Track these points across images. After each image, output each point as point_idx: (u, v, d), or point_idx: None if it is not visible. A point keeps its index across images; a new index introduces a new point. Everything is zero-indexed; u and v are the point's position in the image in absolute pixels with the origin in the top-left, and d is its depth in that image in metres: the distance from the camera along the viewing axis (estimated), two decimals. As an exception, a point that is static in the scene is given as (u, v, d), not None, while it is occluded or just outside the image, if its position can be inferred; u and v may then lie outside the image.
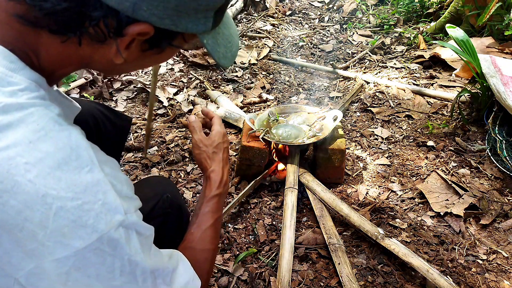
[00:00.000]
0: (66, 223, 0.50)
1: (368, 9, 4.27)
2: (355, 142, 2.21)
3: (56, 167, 0.50)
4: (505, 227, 1.66)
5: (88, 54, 0.58)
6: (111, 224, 0.52)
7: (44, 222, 0.49)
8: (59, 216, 0.50)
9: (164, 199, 0.93)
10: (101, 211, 0.52)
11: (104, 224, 0.52)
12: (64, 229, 0.50)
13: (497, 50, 2.80)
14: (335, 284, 1.40)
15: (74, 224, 0.50)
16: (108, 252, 0.53)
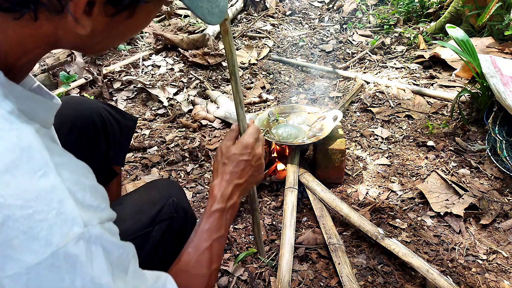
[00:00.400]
0: (16, 234, 0.43)
1: (368, 9, 4.28)
2: (355, 142, 2.21)
3: (4, 171, 0.44)
4: (505, 227, 1.66)
5: (50, 31, 0.52)
6: (67, 237, 0.45)
7: None
8: (7, 227, 0.43)
9: (170, 203, 0.90)
10: (56, 222, 0.45)
11: (59, 237, 0.45)
12: (13, 241, 0.44)
13: (497, 50, 2.80)
14: (335, 284, 1.40)
15: (25, 236, 0.44)
16: (66, 270, 0.46)
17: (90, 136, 1.07)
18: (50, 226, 0.45)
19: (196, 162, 2.00)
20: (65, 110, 0.89)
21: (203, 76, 2.83)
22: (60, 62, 2.67)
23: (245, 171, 0.90)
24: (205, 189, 1.82)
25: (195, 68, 2.94)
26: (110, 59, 2.98)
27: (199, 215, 1.67)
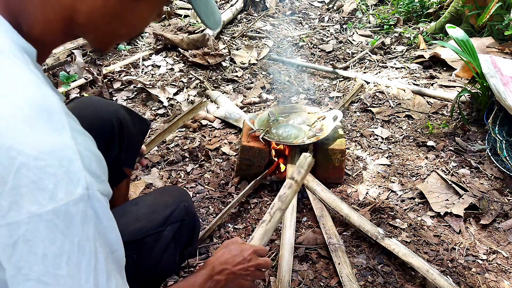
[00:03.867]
0: (26, 182, 0.47)
1: (368, 9, 4.28)
2: (355, 142, 2.21)
3: (25, 122, 0.48)
4: (505, 227, 1.66)
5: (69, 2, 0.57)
6: (70, 195, 0.49)
7: (5, 176, 0.47)
8: (21, 173, 0.47)
9: (181, 207, 0.99)
10: (63, 179, 0.48)
11: (63, 193, 0.48)
12: (23, 189, 0.47)
13: (497, 50, 2.80)
14: (335, 284, 1.40)
15: (34, 185, 0.47)
16: (60, 229, 0.48)
17: (106, 138, 1.10)
18: (57, 181, 0.48)
19: (196, 162, 2.00)
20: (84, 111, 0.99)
21: (203, 76, 2.84)
22: (60, 62, 2.67)
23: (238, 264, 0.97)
24: (205, 189, 1.82)
25: (195, 68, 2.94)
26: (110, 59, 2.98)
27: (199, 215, 1.67)
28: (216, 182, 1.86)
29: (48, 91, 0.52)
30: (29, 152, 0.47)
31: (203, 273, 0.92)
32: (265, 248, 1.11)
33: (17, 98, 0.49)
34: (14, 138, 0.47)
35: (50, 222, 0.47)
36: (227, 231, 1.60)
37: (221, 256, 0.98)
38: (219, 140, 2.17)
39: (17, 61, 0.52)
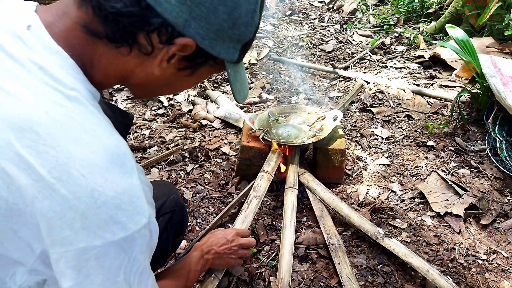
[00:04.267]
0: (105, 217, 0.57)
1: (368, 9, 4.28)
2: (355, 142, 2.21)
3: (104, 168, 0.57)
4: (505, 227, 1.66)
5: (131, 66, 0.66)
6: (137, 225, 0.60)
7: (87, 212, 0.55)
8: (101, 210, 0.56)
9: (171, 199, 1.08)
10: (133, 213, 0.59)
11: (132, 224, 0.59)
12: (101, 222, 0.57)
13: (497, 50, 2.80)
14: (335, 284, 1.40)
15: (111, 219, 0.57)
16: (124, 249, 0.60)
17: None
18: (128, 215, 0.59)
19: (196, 162, 2.00)
20: None
21: (203, 76, 2.84)
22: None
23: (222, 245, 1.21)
24: (205, 189, 1.82)
25: (195, 68, 2.94)
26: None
27: (199, 214, 1.67)
28: (216, 182, 1.86)
29: (118, 136, 0.62)
30: (108, 193, 0.56)
31: (195, 254, 1.15)
32: (246, 230, 1.35)
33: (97, 146, 0.57)
34: (96, 181, 0.56)
35: (118, 245, 0.59)
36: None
37: (207, 240, 1.22)
38: (219, 140, 2.17)
39: (93, 109, 0.60)
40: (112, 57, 0.64)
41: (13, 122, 0.54)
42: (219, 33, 0.64)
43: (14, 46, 0.58)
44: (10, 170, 0.54)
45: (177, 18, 0.60)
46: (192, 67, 0.69)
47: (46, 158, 0.54)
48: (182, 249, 1.50)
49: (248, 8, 0.65)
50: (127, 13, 0.59)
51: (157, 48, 0.63)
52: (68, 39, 0.61)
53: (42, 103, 0.56)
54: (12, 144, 0.54)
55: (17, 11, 0.62)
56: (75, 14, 0.61)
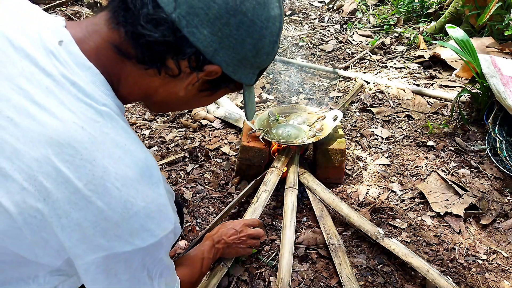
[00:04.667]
0: (136, 226, 0.61)
1: (368, 9, 4.28)
2: (355, 142, 2.21)
3: (136, 180, 0.61)
4: (505, 227, 1.66)
5: (156, 86, 0.70)
6: (165, 231, 0.65)
7: (120, 222, 0.60)
8: (133, 220, 0.61)
9: None
10: (160, 220, 0.64)
11: (160, 230, 0.64)
12: (133, 230, 0.61)
13: (497, 50, 2.80)
14: (335, 284, 1.40)
15: (141, 227, 0.62)
16: (152, 253, 0.66)
17: None
18: (157, 222, 0.64)
19: (196, 162, 2.00)
20: None
21: (203, 76, 2.84)
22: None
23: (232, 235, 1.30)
24: (205, 189, 1.82)
25: (195, 68, 2.94)
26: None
27: (199, 214, 1.67)
28: (216, 182, 1.86)
29: (145, 149, 0.66)
30: (139, 203, 0.61)
31: (207, 243, 1.23)
32: (256, 220, 1.42)
33: (129, 160, 0.61)
34: (129, 193, 0.60)
35: (147, 250, 0.64)
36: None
37: (217, 230, 1.31)
38: (219, 140, 2.17)
39: (124, 124, 0.65)
40: (139, 76, 0.68)
41: (51, 138, 0.57)
42: (243, 61, 0.69)
43: (47, 61, 0.60)
44: (48, 183, 0.57)
45: (208, 47, 0.64)
46: (213, 89, 0.74)
47: (83, 172, 0.58)
48: (182, 249, 1.50)
49: (271, 40, 0.71)
50: (163, 42, 0.62)
51: (184, 72, 0.67)
52: (99, 56, 0.64)
53: (78, 119, 0.59)
54: (50, 159, 0.57)
55: (48, 26, 0.64)
56: (106, 34, 0.65)
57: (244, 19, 0.64)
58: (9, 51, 0.60)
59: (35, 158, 0.56)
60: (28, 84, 0.59)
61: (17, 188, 0.56)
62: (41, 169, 0.56)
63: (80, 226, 0.58)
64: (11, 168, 0.56)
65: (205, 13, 0.62)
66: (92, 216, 0.58)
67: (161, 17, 0.61)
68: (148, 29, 0.61)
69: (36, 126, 0.57)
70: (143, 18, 0.61)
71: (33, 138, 0.57)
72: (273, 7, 0.68)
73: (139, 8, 0.61)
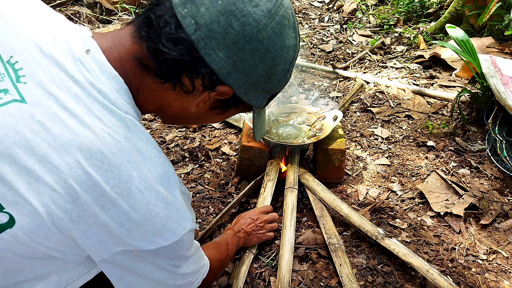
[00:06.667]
0: (158, 226, 0.66)
1: (368, 9, 4.28)
2: (355, 142, 2.21)
3: (157, 183, 0.66)
4: (505, 227, 1.66)
5: (170, 99, 0.74)
6: (184, 230, 0.70)
7: (143, 223, 0.64)
8: (155, 220, 0.65)
9: None
10: (179, 219, 0.69)
11: (180, 229, 0.69)
12: (155, 230, 0.66)
13: (497, 50, 2.80)
14: (335, 284, 1.40)
15: (163, 227, 0.66)
16: (175, 249, 0.70)
17: None
18: (176, 222, 0.69)
19: (196, 162, 2.00)
20: None
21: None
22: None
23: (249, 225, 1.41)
24: (205, 189, 1.82)
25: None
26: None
27: (199, 214, 1.67)
28: (216, 182, 1.86)
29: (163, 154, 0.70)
30: (160, 204, 0.66)
31: (229, 232, 1.34)
32: (268, 206, 1.54)
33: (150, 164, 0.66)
34: (151, 195, 0.65)
35: (170, 247, 0.69)
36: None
37: (236, 222, 1.43)
38: (219, 140, 2.17)
39: (144, 130, 0.69)
40: (156, 89, 0.72)
41: (81, 143, 0.60)
42: (254, 85, 0.73)
43: (75, 68, 0.64)
44: (78, 186, 0.60)
45: (222, 69, 0.68)
46: (224, 108, 0.78)
47: (111, 176, 0.62)
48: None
49: (284, 67, 0.74)
50: (180, 60, 0.66)
51: (197, 90, 0.71)
52: (123, 66, 0.68)
53: (105, 126, 0.63)
54: (81, 163, 0.60)
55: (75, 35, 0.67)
56: (130, 47, 0.69)
57: (259, 46, 0.68)
58: (39, 58, 0.63)
59: (66, 162, 0.59)
60: (58, 90, 0.62)
61: (48, 190, 0.59)
62: (72, 173, 0.60)
63: (107, 227, 0.62)
64: (42, 170, 0.59)
65: (223, 37, 0.65)
66: (118, 217, 0.62)
67: (181, 37, 0.65)
68: (168, 47, 0.65)
69: (67, 132, 0.60)
70: (165, 36, 0.65)
71: (64, 143, 0.60)
72: (289, 37, 0.71)
73: (162, 27, 0.65)
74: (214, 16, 0.65)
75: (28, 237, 0.61)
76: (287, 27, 0.71)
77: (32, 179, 0.59)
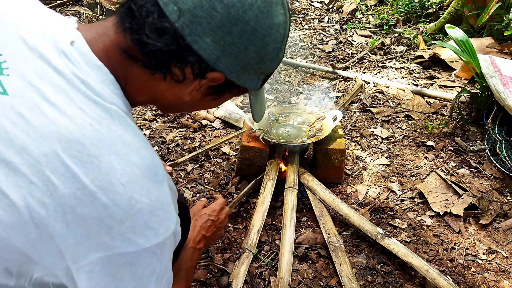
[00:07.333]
0: (140, 223, 0.61)
1: (367, 9, 4.28)
2: (355, 142, 2.22)
3: (141, 177, 0.62)
4: (504, 227, 1.66)
5: (162, 90, 0.71)
6: (168, 231, 0.64)
7: (124, 219, 0.59)
8: (137, 217, 0.60)
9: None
10: (164, 219, 0.64)
11: (163, 229, 0.63)
12: (136, 228, 0.61)
13: (497, 50, 2.81)
14: (335, 283, 1.41)
15: (145, 225, 0.61)
16: (157, 256, 0.64)
17: None
18: (160, 220, 0.63)
19: (196, 162, 2.00)
20: None
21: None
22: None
23: (210, 227, 1.25)
24: (205, 189, 1.82)
25: (195, 68, 2.94)
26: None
27: (199, 215, 1.67)
28: (216, 182, 1.86)
29: (151, 147, 0.67)
30: (144, 200, 0.61)
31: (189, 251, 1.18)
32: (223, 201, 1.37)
33: (135, 157, 0.62)
34: (134, 189, 0.60)
35: (151, 251, 0.63)
36: (227, 231, 1.60)
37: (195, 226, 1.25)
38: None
39: (131, 122, 0.66)
40: (146, 79, 0.69)
41: (60, 134, 0.58)
42: (246, 67, 0.70)
43: (59, 60, 0.62)
44: (55, 178, 0.57)
45: (210, 55, 0.65)
46: (218, 94, 0.75)
47: (90, 168, 0.58)
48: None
49: (275, 46, 0.71)
50: (167, 51, 0.64)
51: (188, 78, 0.69)
52: (108, 57, 0.66)
53: (87, 116, 0.60)
54: (59, 154, 0.58)
55: (61, 27, 0.66)
56: (114, 38, 0.66)
57: (246, 27, 0.65)
58: (24, 51, 0.62)
59: (44, 153, 0.57)
60: (40, 81, 0.60)
61: (26, 182, 0.57)
62: (49, 164, 0.57)
63: (85, 222, 0.59)
64: (20, 162, 0.57)
65: (207, 22, 0.63)
66: (97, 212, 0.59)
67: (165, 26, 0.63)
68: (153, 39, 0.63)
69: (47, 123, 0.58)
70: (148, 27, 0.63)
71: (43, 134, 0.58)
72: (277, 14, 0.69)
73: (144, 17, 0.63)
74: (197, 1, 0.62)
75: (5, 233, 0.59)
76: (274, 4, 0.68)
77: (10, 171, 0.57)
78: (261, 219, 1.55)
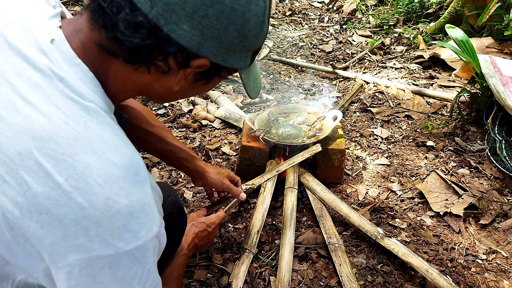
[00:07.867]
0: (118, 225, 0.58)
1: (367, 9, 4.28)
2: (355, 142, 2.22)
3: (120, 177, 0.59)
4: (504, 227, 1.66)
5: (149, 82, 0.69)
6: (149, 234, 0.61)
7: (101, 221, 0.57)
8: (115, 218, 0.58)
9: (170, 201, 1.07)
10: (145, 221, 0.61)
11: (144, 232, 0.60)
12: (114, 230, 0.58)
13: (497, 50, 2.81)
14: (335, 283, 1.41)
15: (124, 227, 0.58)
16: (138, 259, 0.61)
17: None
18: (141, 223, 0.60)
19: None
20: None
21: (203, 76, 2.84)
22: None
23: (204, 238, 1.25)
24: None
25: (195, 68, 2.94)
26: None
27: (199, 215, 1.68)
28: (216, 182, 1.86)
29: (132, 147, 0.64)
30: (122, 201, 0.58)
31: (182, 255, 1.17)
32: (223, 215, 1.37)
33: (113, 156, 0.59)
34: (111, 190, 0.57)
35: (131, 255, 0.60)
36: (227, 231, 1.60)
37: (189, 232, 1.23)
38: (219, 140, 2.17)
39: (110, 120, 0.63)
40: (129, 73, 0.67)
41: (34, 132, 0.57)
42: (231, 48, 0.68)
43: (38, 58, 0.61)
44: (29, 177, 0.56)
45: (191, 42, 0.63)
46: (207, 78, 0.73)
47: (64, 167, 0.56)
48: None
49: (257, 21, 0.67)
50: (145, 45, 0.62)
51: (173, 69, 0.67)
52: (86, 54, 0.64)
53: (63, 114, 0.59)
54: (32, 153, 0.56)
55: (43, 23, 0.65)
56: (89, 34, 0.65)
57: (222, 7, 0.62)
58: (4, 48, 0.62)
59: (18, 151, 0.56)
60: (17, 79, 0.59)
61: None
62: (23, 163, 0.56)
63: (61, 223, 0.56)
64: None
65: (181, 8, 0.60)
66: (73, 213, 0.56)
67: (139, 20, 0.60)
68: (128, 35, 0.61)
69: (21, 120, 0.57)
70: (122, 23, 0.61)
71: (17, 132, 0.57)
72: None
73: (116, 13, 0.61)
74: None
75: None
76: None
77: None
78: (261, 219, 1.55)
